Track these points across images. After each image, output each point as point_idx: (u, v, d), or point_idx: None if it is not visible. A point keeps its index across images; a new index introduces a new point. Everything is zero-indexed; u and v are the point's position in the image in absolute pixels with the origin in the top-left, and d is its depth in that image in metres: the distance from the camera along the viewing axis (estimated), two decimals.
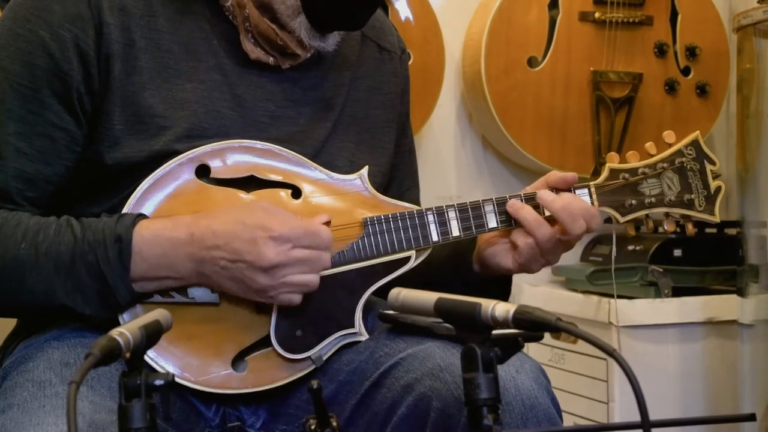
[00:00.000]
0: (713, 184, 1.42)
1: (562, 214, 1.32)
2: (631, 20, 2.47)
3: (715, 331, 2.34)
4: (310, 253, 1.21)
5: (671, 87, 2.52)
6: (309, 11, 1.30)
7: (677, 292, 2.32)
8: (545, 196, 1.34)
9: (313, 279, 1.23)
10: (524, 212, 1.33)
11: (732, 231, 2.41)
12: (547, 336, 2.08)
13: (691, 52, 2.53)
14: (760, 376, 2.26)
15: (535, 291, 2.51)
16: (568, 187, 1.37)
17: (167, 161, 1.25)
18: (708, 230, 2.39)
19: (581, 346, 2.32)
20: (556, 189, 1.37)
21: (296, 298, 1.23)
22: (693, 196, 1.41)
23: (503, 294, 1.42)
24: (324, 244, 1.22)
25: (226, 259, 1.20)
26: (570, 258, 2.51)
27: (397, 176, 1.49)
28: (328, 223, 1.25)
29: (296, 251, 1.20)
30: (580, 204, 1.33)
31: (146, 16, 1.29)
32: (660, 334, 2.30)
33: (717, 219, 1.42)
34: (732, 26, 2.38)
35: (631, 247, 2.37)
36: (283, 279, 1.21)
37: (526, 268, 1.35)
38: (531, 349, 2.38)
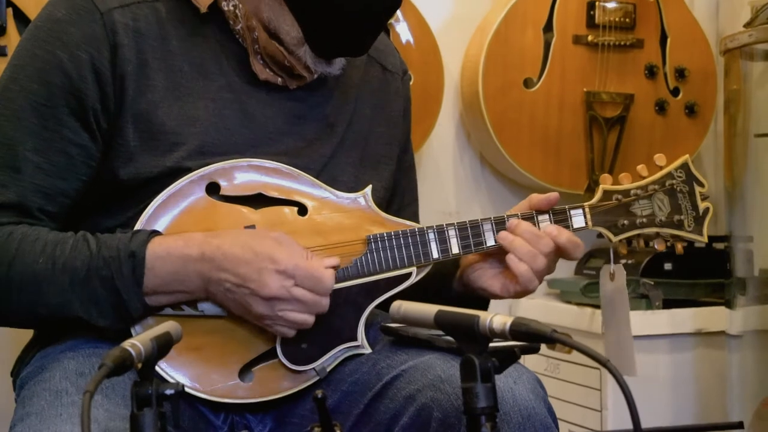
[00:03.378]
0: (702, 206, 1.42)
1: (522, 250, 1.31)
2: (622, 43, 2.48)
3: (704, 341, 2.34)
4: (309, 295, 1.21)
5: (661, 107, 2.52)
6: (311, 42, 1.31)
7: (668, 304, 2.32)
8: (504, 237, 1.33)
9: (307, 319, 1.23)
10: (517, 243, 1.32)
11: (720, 245, 2.41)
12: (543, 346, 2.08)
13: (680, 73, 2.54)
14: (748, 384, 2.26)
15: (531, 303, 2.51)
16: (551, 207, 1.37)
17: (179, 176, 1.26)
18: (697, 245, 2.39)
19: (576, 356, 2.32)
20: (539, 210, 1.37)
21: (290, 333, 1.24)
22: (682, 217, 1.42)
23: None
24: (324, 291, 1.22)
25: (231, 282, 1.20)
26: (564, 271, 2.51)
27: (398, 192, 1.50)
28: (336, 267, 1.25)
29: (297, 290, 1.20)
30: (536, 235, 1.32)
31: (159, 37, 1.29)
32: (651, 345, 2.29)
33: (705, 239, 1.42)
34: (719, 49, 2.39)
35: (623, 261, 2.37)
36: (280, 313, 1.21)
37: (522, 293, 1.34)
38: (527, 358, 2.38)
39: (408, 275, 1.32)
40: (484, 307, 1.42)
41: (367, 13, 1.29)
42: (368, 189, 1.34)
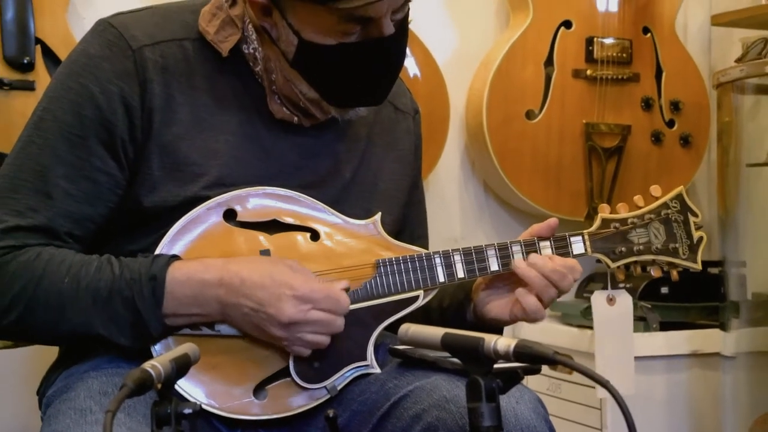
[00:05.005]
0: (696, 235, 1.42)
1: (537, 281, 1.33)
2: (619, 77, 2.49)
3: (699, 362, 2.33)
4: (326, 316, 1.22)
5: (657, 138, 2.53)
6: (329, 100, 1.31)
7: (664, 326, 2.31)
8: (519, 266, 1.34)
9: (324, 340, 1.23)
10: (532, 275, 1.32)
11: (714, 270, 2.40)
12: (545, 367, 2.09)
13: (675, 106, 2.54)
14: (741, 404, 2.25)
15: (533, 326, 2.49)
16: (552, 233, 1.38)
17: (198, 205, 1.26)
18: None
19: (576, 376, 2.30)
20: (541, 237, 1.37)
21: (306, 353, 1.24)
22: (677, 245, 1.41)
23: None
24: (341, 310, 1.23)
25: (249, 307, 1.21)
26: (566, 295, 2.49)
27: (409, 226, 1.50)
28: (347, 289, 1.25)
29: (314, 313, 1.21)
30: (549, 265, 1.34)
31: (185, 74, 1.30)
32: (648, 366, 2.28)
33: (699, 267, 1.42)
34: (712, 83, 2.40)
35: (621, 285, 2.36)
36: (298, 335, 1.22)
37: (533, 320, 1.36)
38: (530, 378, 2.37)
39: (415, 298, 1.32)
40: (498, 333, 1.42)
41: (378, 73, 1.30)
42: (377, 216, 1.34)
